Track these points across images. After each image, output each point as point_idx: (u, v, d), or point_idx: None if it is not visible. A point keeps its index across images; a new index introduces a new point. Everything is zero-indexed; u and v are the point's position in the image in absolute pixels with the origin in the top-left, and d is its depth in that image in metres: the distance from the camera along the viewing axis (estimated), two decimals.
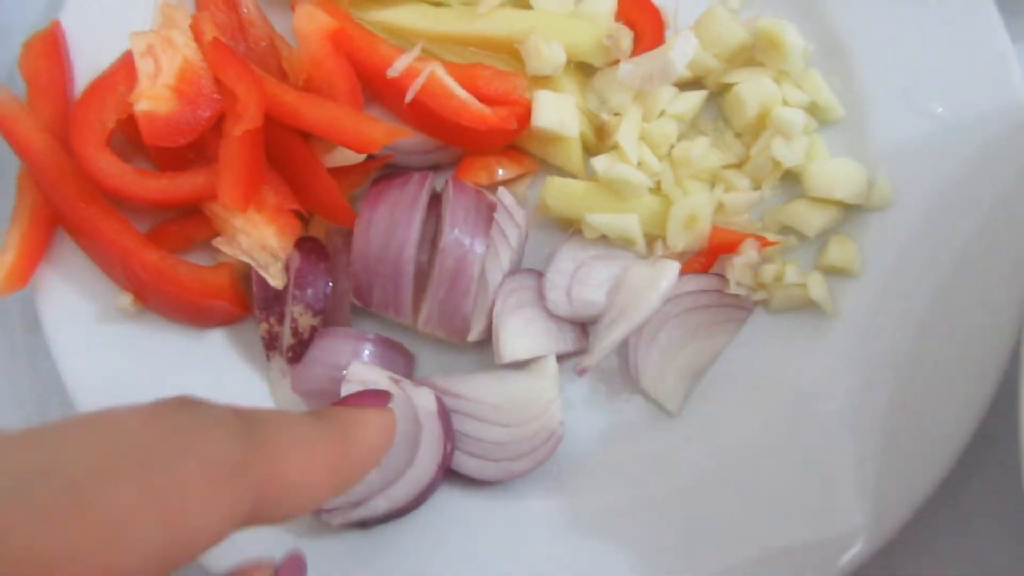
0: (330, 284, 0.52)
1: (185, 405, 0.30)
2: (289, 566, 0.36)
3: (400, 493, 0.49)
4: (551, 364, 0.52)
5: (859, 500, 0.50)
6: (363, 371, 0.50)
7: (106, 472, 0.26)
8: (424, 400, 0.50)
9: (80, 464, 0.26)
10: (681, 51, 0.53)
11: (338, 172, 0.53)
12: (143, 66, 0.47)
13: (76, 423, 0.28)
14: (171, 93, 0.48)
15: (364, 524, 0.49)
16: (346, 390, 0.49)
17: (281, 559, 0.36)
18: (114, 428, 0.28)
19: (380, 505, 0.49)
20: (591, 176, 0.55)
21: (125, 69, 0.49)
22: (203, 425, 0.30)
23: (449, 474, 0.50)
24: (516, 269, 0.54)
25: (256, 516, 0.31)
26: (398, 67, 0.52)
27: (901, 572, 0.53)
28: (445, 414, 0.50)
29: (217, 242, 0.51)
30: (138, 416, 0.29)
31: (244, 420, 0.31)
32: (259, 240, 0.50)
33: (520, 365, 0.53)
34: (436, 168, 0.56)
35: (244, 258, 0.50)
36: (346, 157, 0.53)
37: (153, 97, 0.47)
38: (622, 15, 0.57)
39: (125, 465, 0.27)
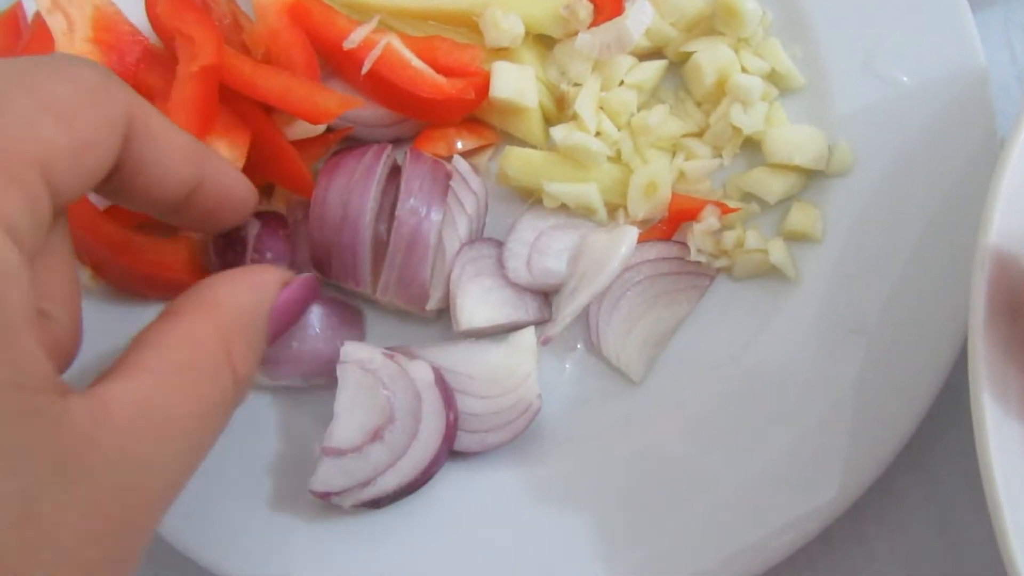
0: (289, 252, 0.52)
1: (50, 55, 0.35)
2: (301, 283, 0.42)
3: (408, 467, 0.48)
4: (529, 337, 0.52)
5: (825, 462, 0.49)
6: (358, 350, 0.50)
7: (1, 93, 0.31)
8: (420, 372, 0.49)
9: None
10: (637, 20, 0.53)
11: (299, 144, 0.53)
12: (54, 23, 0.48)
13: None
14: (92, 46, 0.48)
15: (376, 503, 0.48)
16: (341, 371, 0.49)
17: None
18: None
19: (390, 482, 0.48)
20: (551, 146, 0.55)
21: (40, 33, 0.48)
22: (69, 60, 0.34)
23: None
24: (476, 238, 0.54)
25: (134, 147, 0.35)
26: (355, 39, 0.52)
27: (870, 537, 0.53)
28: (443, 383, 0.50)
29: None
30: (10, 60, 0.33)
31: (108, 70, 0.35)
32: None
33: (499, 338, 0.53)
34: (398, 142, 0.56)
35: None
36: (307, 129, 0.53)
37: (75, 54, 0.47)
38: None
39: (14, 87, 0.31)
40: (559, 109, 0.56)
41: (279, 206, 0.54)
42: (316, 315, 0.51)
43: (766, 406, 0.51)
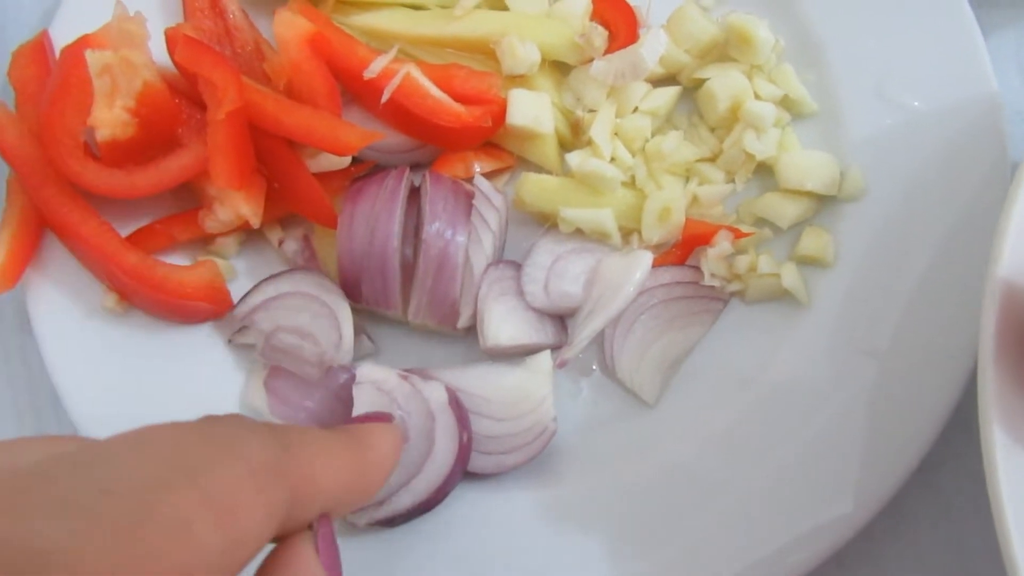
0: None
1: (221, 419, 0.33)
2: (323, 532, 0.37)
3: (421, 487, 0.49)
4: (545, 360, 0.53)
5: (837, 483, 0.50)
6: (373, 371, 0.51)
7: (164, 482, 0.28)
8: (435, 393, 0.51)
9: (139, 478, 0.28)
10: (651, 48, 0.54)
11: (323, 177, 0.54)
12: (100, 85, 0.49)
13: (126, 440, 0.30)
14: (130, 117, 0.50)
15: (391, 522, 0.49)
16: (357, 391, 0.50)
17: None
18: (163, 442, 0.30)
19: (404, 501, 0.49)
20: (567, 172, 0.55)
21: (80, 83, 0.50)
22: (240, 434, 0.32)
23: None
24: (499, 257, 0.55)
25: (290, 520, 0.32)
26: (375, 68, 0.53)
27: (882, 558, 0.53)
28: (457, 404, 0.51)
29: (204, 220, 0.53)
30: (181, 430, 0.31)
31: (274, 429, 0.34)
32: (233, 207, 0.52)
33: (514, 362, 0.53)
34: (417, 166, 0.57)
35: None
36: (331, 162, 0.54)
37: (111, 123, 0.49)
38: (597, 14, 0.59)
39: (179, 474, 0.29)
40: (574, 135, 0.57)
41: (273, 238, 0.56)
42: None
43: (779, 427, 0.52)
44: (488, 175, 0.57)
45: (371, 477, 0.38)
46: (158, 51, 0.54)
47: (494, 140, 0.57)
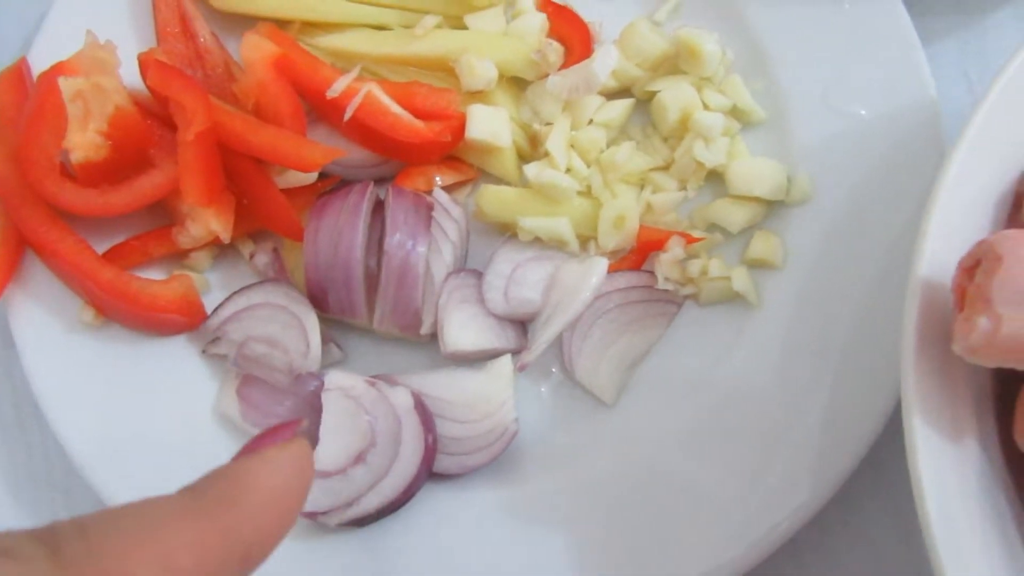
0: None
1: None
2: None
3: (389, 488, 0.52)
4: (506, 364, 0.55)
5: (791, 474, 0.52)
6: (340, 378, 0.53)
7: None
8: (400, 398, 0.53)
9: None
10: (603, 63, 0.56)
11: (291, 192, 0.57)
12: (73, 110, 0.51)
13: None
14: (103, 139, 0.52)
15: (361, 522, 0.52)
16: (326, 397, 0.53)
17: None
18: None
19: (372, 502, 0.51)
20: (526, 183, 0.58)
21: (55, 108, 0.52)
22: None
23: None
24: (461, 267, 0.57)
25: None
26: (337, 88, 0.55)
27: (835, 548, 0.55)
28: (422, 408, 0.53)
29: (177, 236, 0.55)
30: None
31: (49, 545, 0.25)
32: (204, 223, 0.54)
33: (476, 366, 0.56)
34: (381, 180, 0.60)
35: None
36: (298, 178, 0.57)
37: (85, 146, 0.51)
38: (553, 31, 0.61)
39: None
40: (532, 147, 0.59)
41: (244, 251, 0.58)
42: None
43: (734, 424, 0.54)
44: (450, 187, 0.59)
45: (248, 537, 0.29)
46: (134, 74, 0.57)
47: (455, 153, 0.59)
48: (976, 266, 0.39)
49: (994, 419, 0.46)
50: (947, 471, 0.40)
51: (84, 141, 0.52)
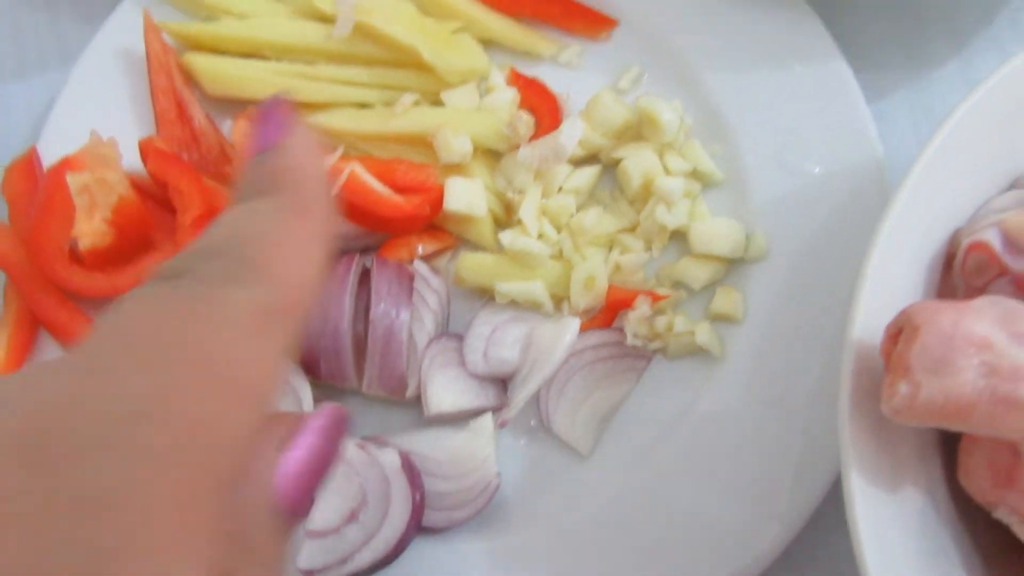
0: None
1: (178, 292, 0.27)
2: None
3: (381, 544, 0.55)
4: (487, 422, 0.59)
5: (759, 519, 0.55)
6: None
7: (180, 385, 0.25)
8: (389, 458, 0.57)
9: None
10: (569, 136, 0.60)
11: None
12: (80, 202, 0.56)
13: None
14: (108, 227, 0.57)
15: None
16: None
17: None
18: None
19: (365, 558, 0.55)
20: (502, 249, 0.62)
21: (63, 201, 0.56)
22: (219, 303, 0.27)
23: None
24: (443, 331, 0.61)
25: None
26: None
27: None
28: (410, 467, 0.57)
29: None
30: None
31: (240, 260, 0.28)
32: None
33: (460, 424, 0.60)
34: (369, 250, 0.64)
35: None
36: None
37: (91, 234, 0.56)
38: (525, 102, 0.65)
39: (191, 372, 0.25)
40: (507, 214, 0.63)
41: None
42: None
43: (702, 471, 0.58)
44: (431, 255, 0.63)
45: (326, 226, 0.31)
46: (137, 157, 0.62)
47: (436, 222, 0.63)
48: (899, 333, 0.42)
49: (940, 463, 0.50)
50: (886, 521, 0.44)
51: (91, 229, 0.56)
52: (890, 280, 0.48)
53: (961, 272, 0.48)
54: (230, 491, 0.25)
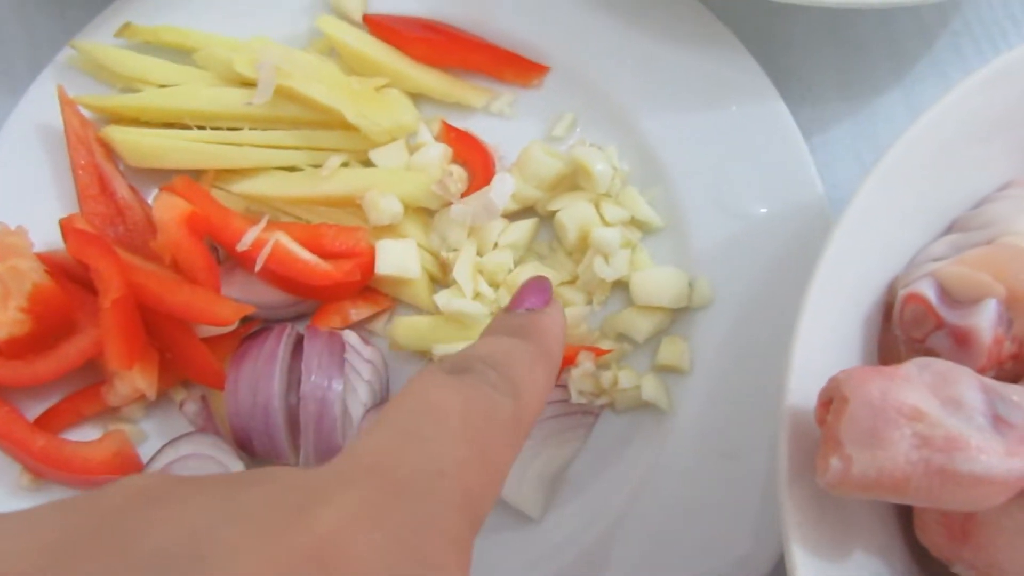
0: None
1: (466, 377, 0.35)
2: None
3: None
4: None
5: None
6: None
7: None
8: None
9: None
10: (499, 192, 0.59)
11: (214, 340, 0.59)
12: None
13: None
14: (25, 316, 0.55)
15: None
16: None
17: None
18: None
19: None
20: (439, 309, 0.60)
21: None
22: (486, 396, 0.34)
23: None
24: (381, 399, 0.59)
25: None
26: (246, 242, 0.58)
27: None
28: None
29: (107, 395, 0.57)
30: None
31: (506, 378, 0.36)
32: (130, 382, 0.56)
33: None
34: (301, 316, 0.62)
35: None
36: (219, 328, 0.59)
37: (7, 323, 0.54)
38: (457, 156, 0.63)
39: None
40: (443, 272, 0.61)
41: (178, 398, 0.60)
42: None
43: (660, 530, 0.56)
44: (367, 318, 0.61)
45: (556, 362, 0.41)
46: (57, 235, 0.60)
47: (371, 285, 0.61)
48: (831, 402, 0.40)
49: (897, 520, 0.48)
50: None
51: (6, 319, 0.54)
52: (826, 336, 0.46)
53: (900, 323, 0.46)
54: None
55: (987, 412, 0.38)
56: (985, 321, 0.42)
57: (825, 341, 0.46)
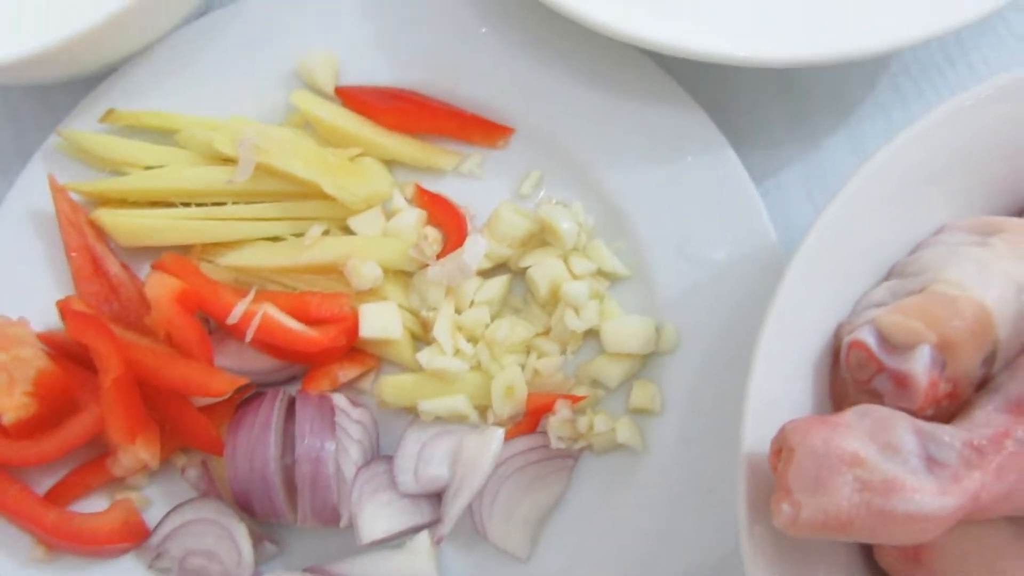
0: None
1: None
2: None
3: None
4: (424, 540, 0.60)
5: None
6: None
7: None
8: None
9: None
10: (472, 253, 0.62)
11: (210, 408, 0.62)
12: None
13: None
14: (30, 399, 0.58)
15: None
16: None
17: None
18: None
19: None
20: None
21: None
22: None
23: None
24: (373, 456, 0.63)
25: None
26: (235, 315, 0.61)
27: None
28: None
29: (112, 466, 0.60)
30: None
31: None
32: (133, 454, 0.59)
33: (398, 544, 0.61)
34: (293, 379, 0.65)
35: None
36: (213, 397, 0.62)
37: (14, 408, 0.57)
38: (431, 218, 0.67)
39: None
40: (425, 331, 0.65)
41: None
42: None
43: (643, 566, 0.59)
44: (355, 378, 0.65)
45: None
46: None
47: (356, 345, 0.65)
48: (781, 451, 0.44)
49: (857, 545, 0.51)
50: None
51: (12, 404, 0.58)
52: (779, 382, 0.50)
53: (846, 367, 0.50)
54: None
55: (921, 454, 0.42)
56: (920, 366, 0.46)
57: (778, 387, 0.49)
